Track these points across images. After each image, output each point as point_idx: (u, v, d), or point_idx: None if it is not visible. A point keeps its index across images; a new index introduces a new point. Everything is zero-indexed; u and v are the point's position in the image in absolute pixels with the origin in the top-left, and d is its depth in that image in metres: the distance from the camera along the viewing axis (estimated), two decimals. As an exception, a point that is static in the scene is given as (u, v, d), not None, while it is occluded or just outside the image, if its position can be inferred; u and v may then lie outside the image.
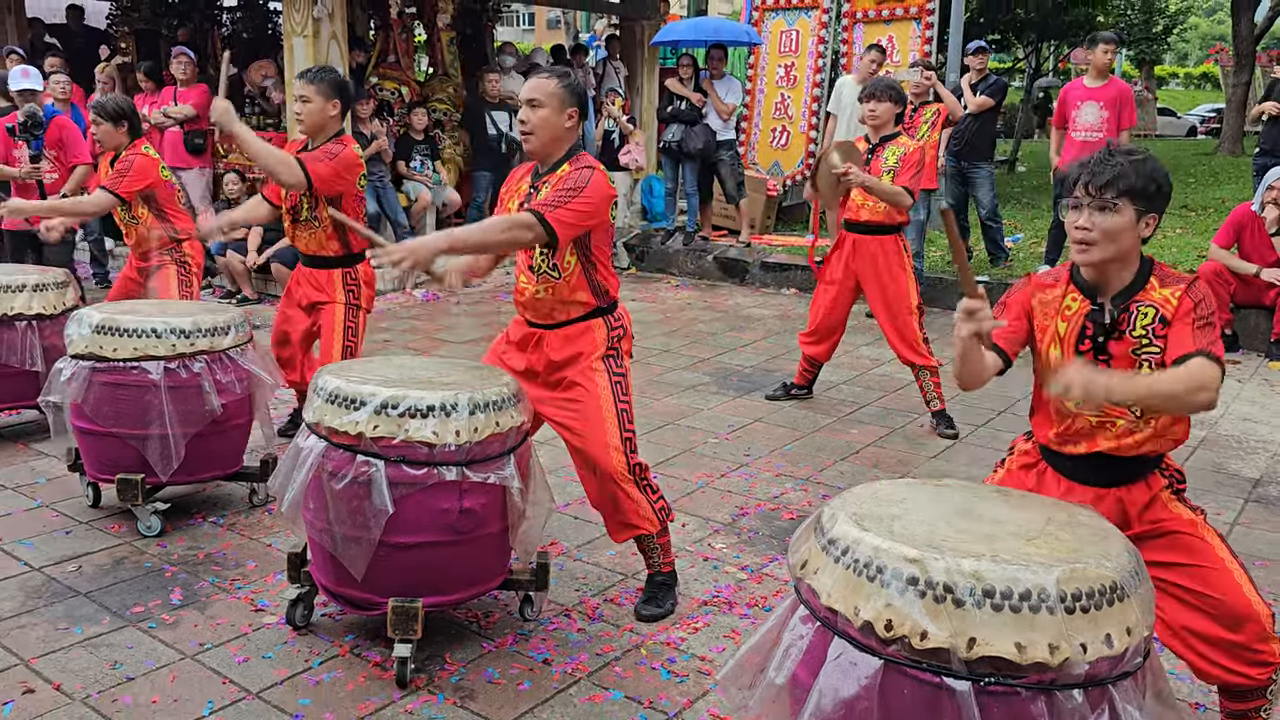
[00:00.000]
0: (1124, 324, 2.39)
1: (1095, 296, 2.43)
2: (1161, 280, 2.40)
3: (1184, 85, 49.44)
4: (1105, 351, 2.41)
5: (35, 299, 4.84)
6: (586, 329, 3.29)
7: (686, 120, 9.47)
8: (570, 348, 3.28)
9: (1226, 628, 2.40)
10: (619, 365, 3.33)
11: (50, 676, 2.97)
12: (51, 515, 4.13)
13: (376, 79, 9.83)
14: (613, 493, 3.26)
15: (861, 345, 7.08)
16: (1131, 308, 2.39)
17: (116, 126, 5.01)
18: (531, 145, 3.20)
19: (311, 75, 4.31)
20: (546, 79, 3.18)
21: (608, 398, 3.25)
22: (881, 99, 5.18)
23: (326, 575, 3.12)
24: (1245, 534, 4.15)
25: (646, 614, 3.38)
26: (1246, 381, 6.37)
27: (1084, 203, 2.34)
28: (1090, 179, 2.33)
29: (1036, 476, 2.58)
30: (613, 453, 3.21)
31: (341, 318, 4.47)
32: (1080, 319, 2.43)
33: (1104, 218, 2.33)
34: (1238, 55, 19.47)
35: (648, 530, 3.31)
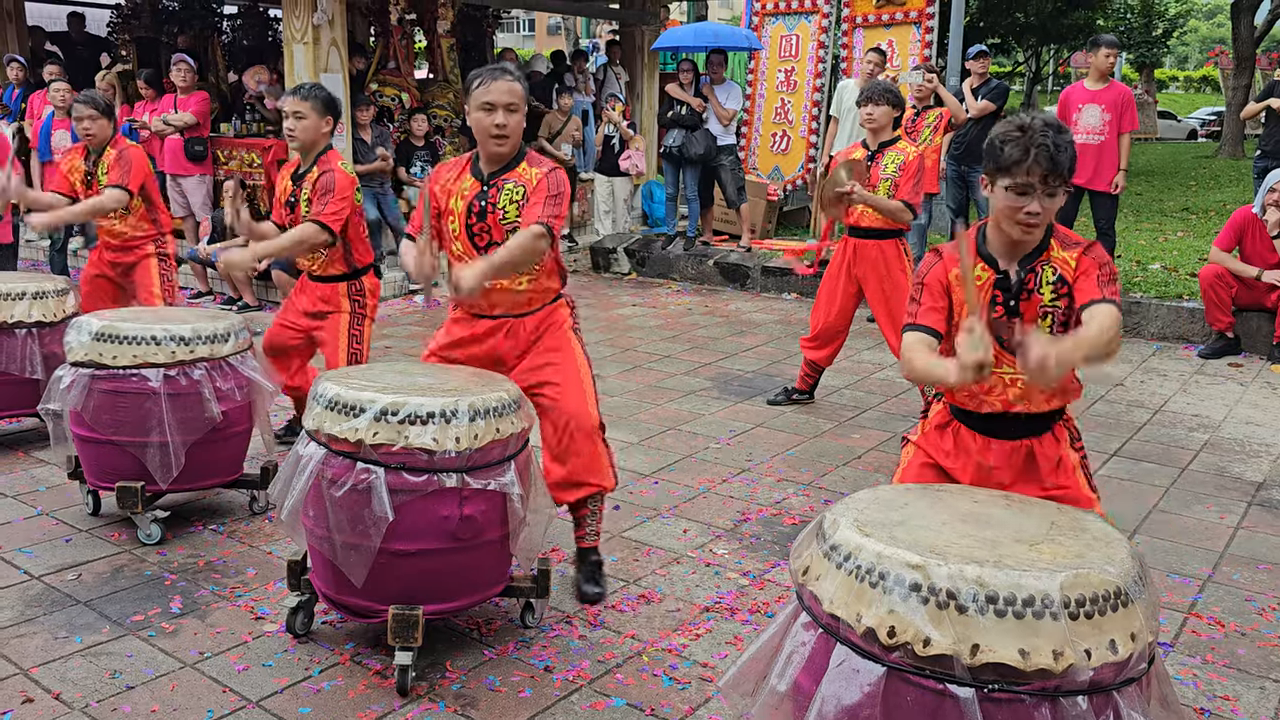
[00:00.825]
0: (1030, 284, 2.52)
1: (997, 264, 2.54)
2: (1061, 243, 2.53)
3: (1184, 88, 49.49)
4: (1016, 313, 2.53)
5: (35, 307, 4.84)
6: (555, 309, 3.53)
7: (687, 125, 9.46)
8: (543, 324, 3.50)
9: None
10: (581, 337, 3.58)
11: (49, 686, 2.96)
12: (51, 523, 4.12)
13: (377, 85, 9.84)
14: (586, 448, 3.39)
15: (863, 350, 7.06)
16: (1037, 268, 2.52)
17: (110, 120, 5.14)
18: (505, 149, 3.31)
19: (305, 92, 4.32)
20: (513, 81, 3.26)
21: (582, 360, 3.49)
22: (879, 103, 5.18)
23: (327, 583, 3.11)
24: (1249, 538, 4.13)
25: (593, 593, 3.49)
26: (1249, 385, 6.35)
27: (1036, 189, 2.40)
28: (1051, 168, 2.37)
29: (952, 435, 2.70)
30: (589, 409, 3.40)
31: (346, 327, 4.49)
32: (989, 288, 2.55)
33: (1052, 202, 2.43)
34: (1238, 58, 19.49)
35: (606, 486, 3.46)
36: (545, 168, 3.33)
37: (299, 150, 4.40)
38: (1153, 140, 27.37)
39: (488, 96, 3.22)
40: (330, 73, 8.30)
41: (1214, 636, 3.33)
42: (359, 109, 8.65)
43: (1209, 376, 6.53)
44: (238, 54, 11.29)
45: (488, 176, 3.35)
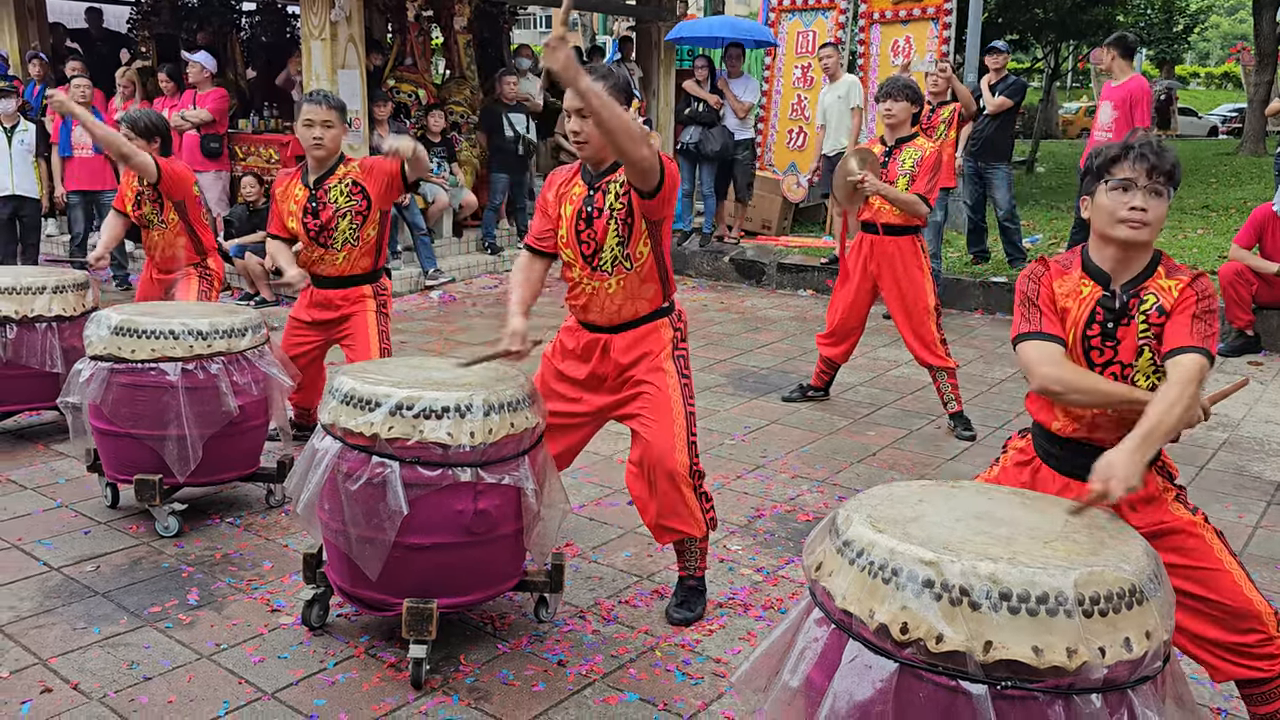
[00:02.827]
0: (1133, 308, 2.41)
1: (1108, 283, 2.44)
2: (1167, 271, 2.43)
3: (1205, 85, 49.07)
4: (1113, 338, 2.42)
5: (55, 301, 4.88)
6: (653, 329, 3.29)
7: (704, 122, 9.46)
8: (638, 348, 3.28)
9: (1229, 630, 2.41)
10: (685, 367, 3.33)
11: (68, 676, 2.99)
12: (70, 515, 4.15)
13: (394, 82, 9.86)
14: (669, 493, 3.20)
15: (879, 347, 7.04)
16: (1140, 294, 2.41)
17: (149, 143, 5.01)
18: (587, 153, 3.17)
19: (334, 101, 4.31)
20: (599, 83, 3.02)
21: (677, 397, 3.23)
22: (898, 98, 5.14)
23: (342, 576, 3.13)
24: (1268, 537, 4.10)
25: (679, 618, 3.35)
26: (1269, 383, 6.30)
27: (1139, 184, 2.34)
28: (1155, 164, 2.33)
29: (1031, 473, 2.58)
30: (678, 453, 3.17)
31: (375, 323, 4.48)
32: (1091, 304, 2.44)
33: (1158, 202, 2.36)
34: (1259, 54, 19.30)
35: (693, 533, 3.28)
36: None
37: (322, 158, 4.34)
38: (1173, 137, 27.16)
39: (567, 102, 3.09)
40: (347, 69, 8.34)
41: (1231, 636, 3.31)
42: (376, 105, 8.68)
43: (1228, 375, 6.48)
44: (256, 50, 11.34)
45: (587, 180, 3.23)
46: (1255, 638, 2.39)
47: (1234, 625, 2.41)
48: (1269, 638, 2.39)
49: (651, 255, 3.21)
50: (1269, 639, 2.39)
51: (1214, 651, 2.44)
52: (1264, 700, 2.47)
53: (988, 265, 8.74)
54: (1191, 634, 2.44)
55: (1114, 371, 2.43)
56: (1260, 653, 2.40)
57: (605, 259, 3.19)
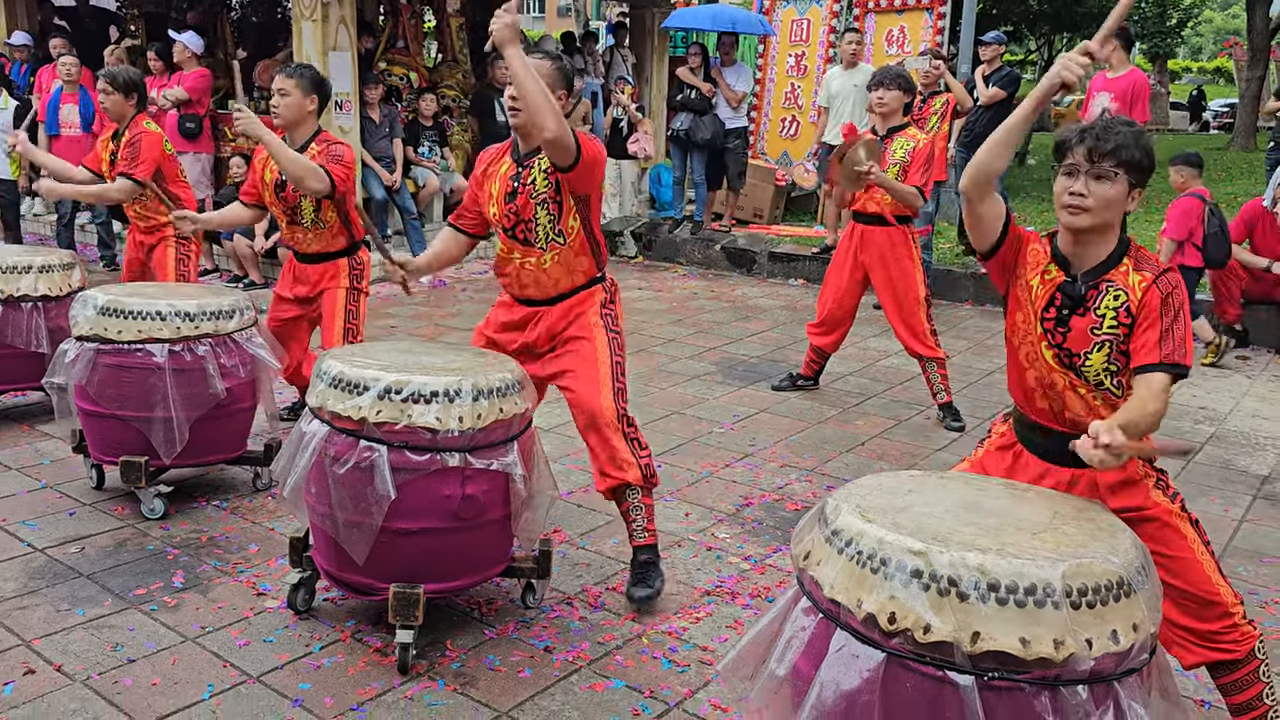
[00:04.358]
0: (1090, 299, 2.39)
1: (1069, 269, 2.43)
2: (1136, 263, 2.39)
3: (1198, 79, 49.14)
4: (1065, 325, 2.42)
5: (41, 280, 4.84)
6: (585, 296, 3.42)
7: (696, 110, 9.43)
8: (571, 314, 3.41)
9: (1197, 617, 2.46)
10: (614, 324, 3.44)
11: (51, 657, 2.97)
12: (55, 497, 4.13)
13: (385, 64, 9.79)
14: (601, 440, 3.31)
15: (869, 337, 7.05)
16: (1101, 285, 2.39)
17: (127, 98, 5.04)
18: (518, 122, 3.25)
19: (291, 70, 4.36)
20: (539, 60, 3.23)
21: (604, 348, 3.35)
22: (890, 87, 5.13)
23: (329, 560, 3.12)
24: (1253, 530, 4.12)
25: (639, 595, 3.33)
26: (1256, 378, 6.33)
27: (1082, 169, 2.33)
28: (1094, 145, 2.31)
29: (1013, 458, 2.59)
30: (602, 397, 3.28)
31: (343, 302, 4.49)
32: (1052, 288, 2.43)
33: (1100, 186, 2.32)
34: (1252, 49, 19.33)
35: (630, 479, 3.28)
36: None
37: (284, 128, 4.37)
38: (1165, 131, 27.20)
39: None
40: (339, 51, 8.27)
41: (1215, 629, 3.32)
42: (367, 87, 8.62)
43: (1216, 369, 6.51)
44: (247, 31, 11.25)
45: (516, 158, 3.36)
46: (1221, 624, 2.44)
47: (1202, 613, 2.45)
48: (1234, 625, 2.45)
49: (582, 230, 3.33)
50: (1234, 626, 2.45)
51: (1183, 637, 2.49)
52: (1237, 689, 2.51)
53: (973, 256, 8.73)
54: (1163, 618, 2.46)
55: (1059, 356, 2.43)
56: (1226, 639, 2.46)
57: (538, 235, 3.30)
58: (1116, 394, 2.42)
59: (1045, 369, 2.45)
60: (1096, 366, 2.40)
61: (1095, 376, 2.41)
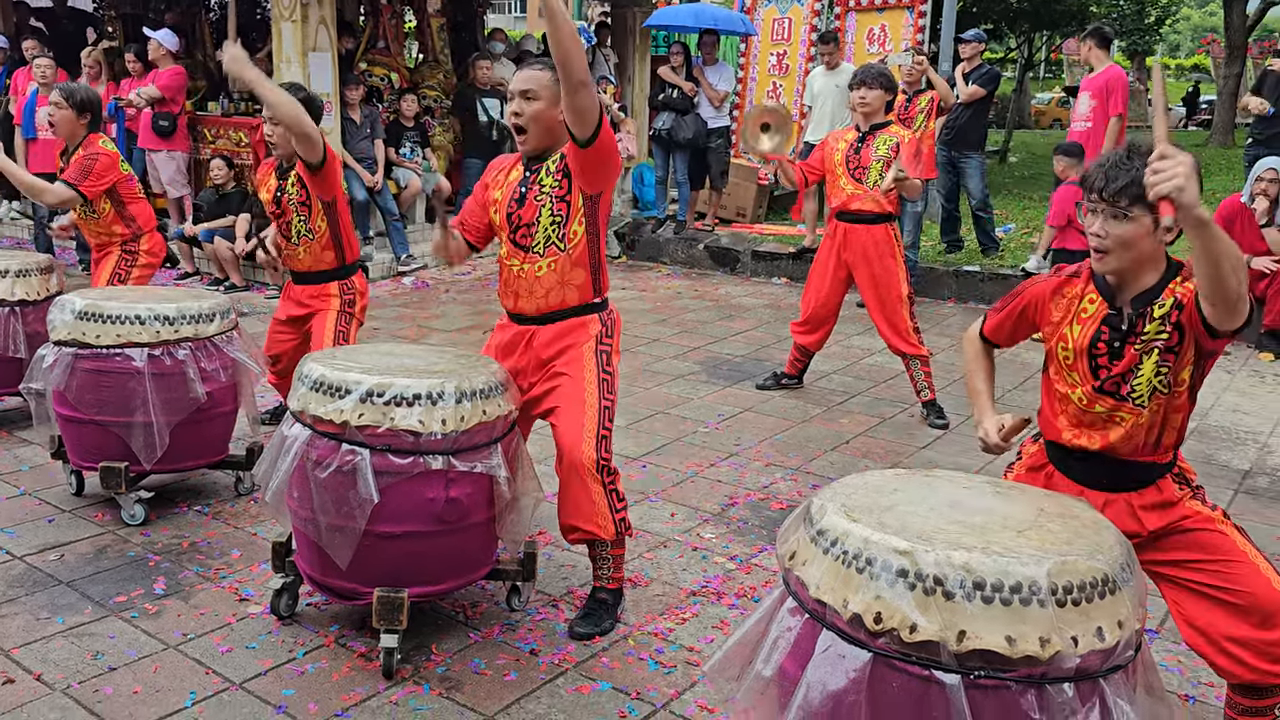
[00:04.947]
0: (1140, 326, 2.32)
1: (1114, 299, 2.36)
2: (1188, 276, 2.29)
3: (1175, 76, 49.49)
4: (1120, 356, 2.36)
5: (18, 285, 4.79)
6: (580, 324, 3.24)
7: (678, 109, 9.42)
8: (561, 342, 3.23)
9: (1256, 625, 2.30)
10: (608, 363, 3.25)
11: (30, 666, 2.94)
12: (34, 503, 4.08)
13: (366, 65, 9.74)
14: (575, 487, 3.10)
15: (853, 335, 7.06)
16: (1149, 310, 2.32)
17: (79, 116, 4.83)
18: (525, 141, 3.16)
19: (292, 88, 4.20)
20: (540, 70, 3.12)
21: (592, 390, 3.16)
22: (872, 86, 5.13)
23: (311, 565, 3.09)
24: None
25: (580, 631, 3.18)
26: (1236, 372, 6.37)
27: (1099, 209, 2.26)
28: (1104, 185, 2.24)
29: (1045, 479, 2.53)
30: (584, 444, 3.08)
31: (333, 323, 4.35)
32: (1096, 323, 2.36)
33: (1118, 225, 2.25)
34: (1229, 47, 19.48)
35: (599, 535, 3.13)
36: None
37: (280, 157, 4.30)
38: (1144, 128, 27.33)
39: (514, 84, 3.13)
40: (319, 51, 8.22)
41: (1199, 623, 3.34)
42: (348, 88, 8.57)
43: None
44: (226, 31, 11.17)
45: (525, 168, 3.23)
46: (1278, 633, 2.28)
47: (1261, 620, 2.29)
48: None
49: (585, 238, 3.17)
50: None
51: (1239, 650, 2.31)
52: (1255, 713, 2.41)
53: (961, 254, 8.76)
54: (1208, 629, 2.33)
55: (1116, 382, 2.36)
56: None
57: (537, 239, 3.16)
58: (1165, 392, 2.35)
59: (1087, 402, 2.40)
60: (1147, 374, 2.33)
61: (1146, 386, 2.33)
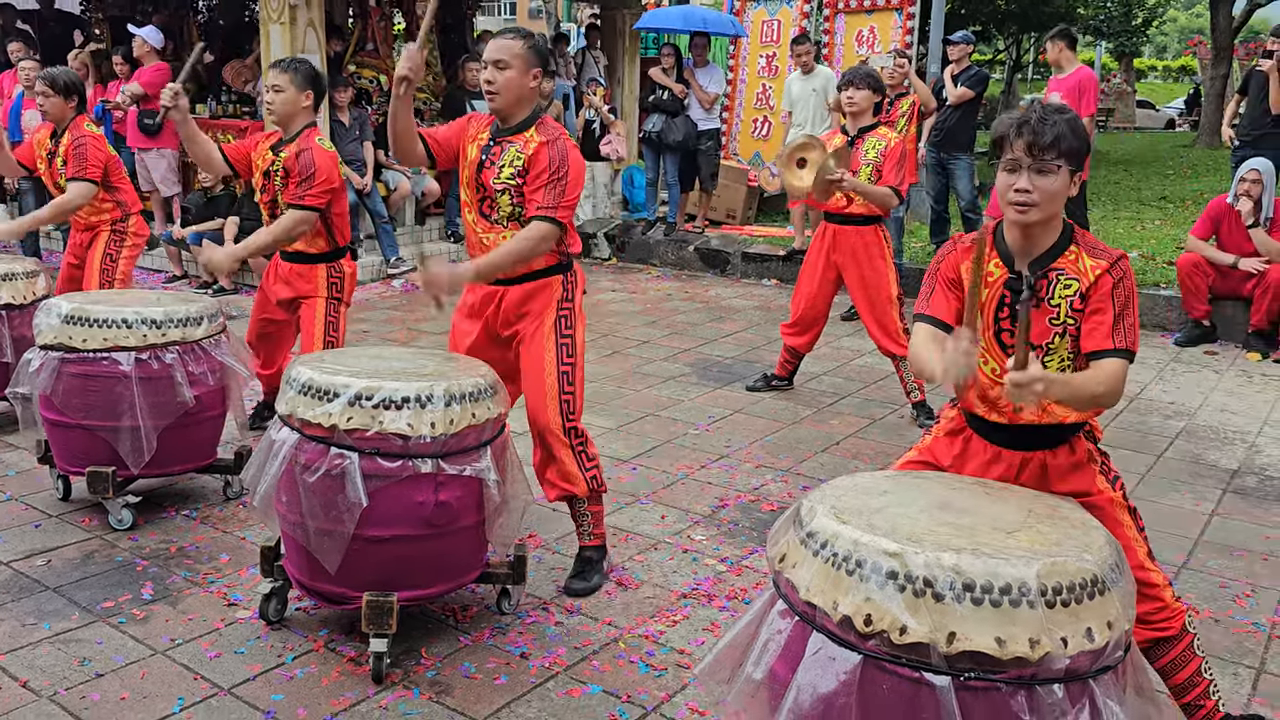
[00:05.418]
0: (1042, 290, 2.37)
1: (1013, 263, 2.41)
2: (1089, 250, 2.37)
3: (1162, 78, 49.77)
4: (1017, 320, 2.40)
5: (4, 289, 4.76)
6: (545, 285, 3.38)
7: (669, 111, 9.42)
8: (526, 305, 3.38)
9: None
10: (568, 326, 3.40)
11: (16, 673, 2.92)
12: (20, 508, 4.06)
13: (355, 67, 9.72)
14: (544, 448, 3.37)
15: (843, 336, 7.07)
16: (1051, 275, 2.37)
17: (66, 100, 5.02)
18: (496, 104, 3.28)
19: (285, 64, 4.32)
20: (511, 39, 3.26)
21: (551, 357, 3.35)
22: (860, 87, 5.14)
23: (300, 569, 3.08)
24: (1223, 524, 4.16)
25: (575, 588, 3.44)
26: (1224, 373, 6.40)
27: (1023, 164, 2.29)
28: (1033, 140, 2.27)
29: (963, 443, 2.58)
30: (549, 409, 3.32)
31: (323, 313, 4.44)
32: (999, 287, 2.41)
33: (1044, 180, 2.29)
34: (1216, 48, 19.58)
35: (576, 492, 3.39)
36: (548, 137, 3.25)
37: (277, 124, 4.37)
38: (1131, 130, 27.50)
39: (486, 53, 3.29)
40: (307, 54, 8.20)
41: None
42: (337, 90, 8.54)
43: (1185, 364, 6.58)
44: (214, 34, 11.13)
45: (494, 134, 3.35)
46: (1153, 605, 2.48)
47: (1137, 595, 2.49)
48: (1164, 604, 2.50)
49: None
50: (1164, 605, 2.50)
51: None
52: (1175, 669, 2.56)
53: None
54: None
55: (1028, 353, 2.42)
56: (1158, 618, 2.50)
57: (501, 213, 3.30)
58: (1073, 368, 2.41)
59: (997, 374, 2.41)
60: (1061, 354, 2.39)
61: (1057, 364, 2.39)
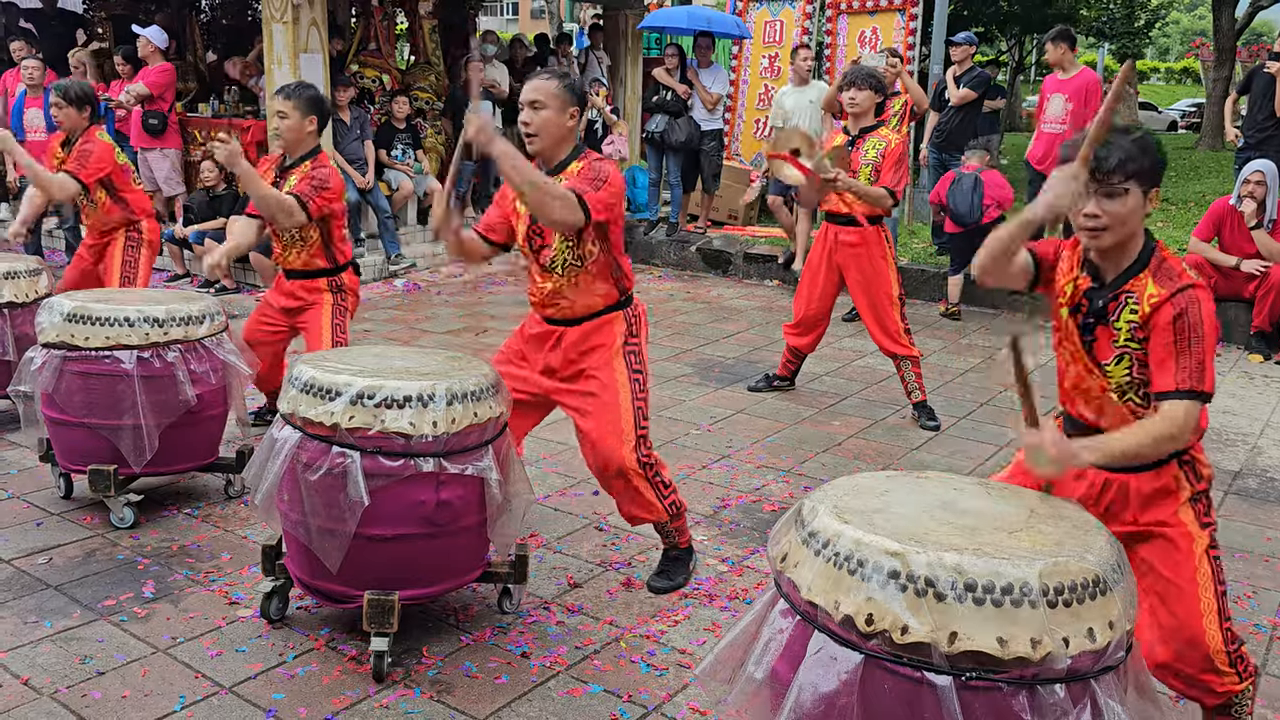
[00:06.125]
0: (1111, 311, 2.35)
1: (1097, 275, 2.39)
2: (1156, 274, 2.30)
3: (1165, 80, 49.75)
4: (1092, 334, 2.39)
5: (6, 287, 4.76)
6: (606, 323, 3.33)
7: (672, 111, 9.42)
8: (589, 341, 3.32)
9: (1174, 652, 2.38)
10: (637, 361, 3.36)
11: (18, 671, 2.92)
12: (22, 507, 4.06)
13: (357, 67, 9.72)
14: (623, 488, 3.32)
15: (844, 337, 7.06)
16: (1121, 297, 2.34)
17: (80, 111, 5.13)
18: (535, 146, 3.20)
19: (290, 91, 4.34)
20: (547, 80, 3.18)
21: (625, 392, 3.28)
22: (862, 87, 5.13)
23: (302, 568, 3.08)
24: (1225, 526, 4.15)
25: (657, 586, 3.49)
26: (1226, 374, 6.39)
27: (1090, 189, 2.26)
28: (1098, 164, 2.24)
29: None
30: (625, 446, 3.24)
31: (330, 316, 4.47)
32: (1080, 295, 2.41)
33: (1113, 203, 2.26)
34: (1218, 50, 19.56)
35: (656, 520, 3.42)
36: (591, 159, 3.21)
37: (284, 149, 4.42)
38: (1132, 130, 27.32)
39: (523, 95, 3.18)
40: (309, 53, 8.21)
41: (1189, 624, 3.34)
42: (339, 89, 8.55)
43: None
44: (217, 33, 11.14)
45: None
46: (1202, 672, 2.35)
47: (1184, 653, 2.36)
48: (1208, 667, 2.34)
49: (602, 253, 3.24)
50: (1209, 669, 2.35)
51: (1160, 674, 2.39)
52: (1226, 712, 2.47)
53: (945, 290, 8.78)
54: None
55: (1087, 366, 2.39)
56: (1200, 683, 2.38)
57: (555, 261, 3.23)
58: (1142, 406, 2.35)
59: (1084, 370, 2.42)
60: (1118, 379, 2.36)
61: (1119, 388, 2.37)
